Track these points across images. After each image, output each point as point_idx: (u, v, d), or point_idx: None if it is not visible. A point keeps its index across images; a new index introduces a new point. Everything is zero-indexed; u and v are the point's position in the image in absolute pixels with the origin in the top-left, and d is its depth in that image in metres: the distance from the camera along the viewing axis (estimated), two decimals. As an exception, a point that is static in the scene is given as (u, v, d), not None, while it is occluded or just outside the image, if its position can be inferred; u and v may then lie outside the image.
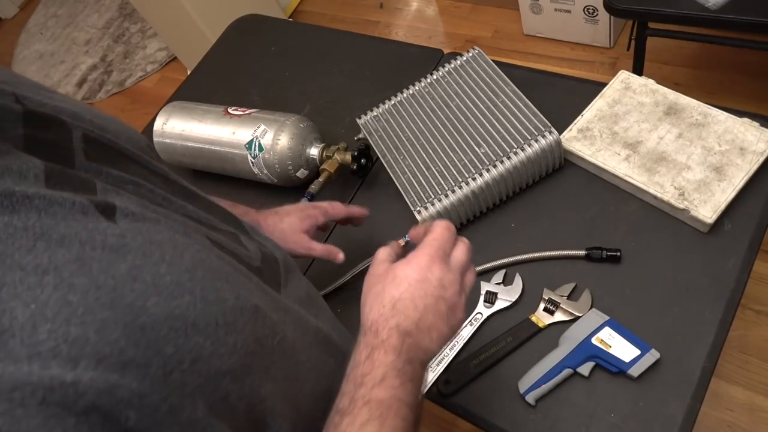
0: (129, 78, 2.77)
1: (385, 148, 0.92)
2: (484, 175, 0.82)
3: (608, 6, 1.35)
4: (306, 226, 0.78)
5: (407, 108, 0.95)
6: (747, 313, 1.37)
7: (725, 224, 0.76)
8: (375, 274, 0.50)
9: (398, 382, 0.43)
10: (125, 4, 3.13)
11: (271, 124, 0.95)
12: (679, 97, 0.86)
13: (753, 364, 1.31)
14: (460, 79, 0.94)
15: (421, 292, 0.47)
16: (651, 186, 0.79)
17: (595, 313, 0.73)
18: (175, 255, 0.36)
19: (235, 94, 1.23)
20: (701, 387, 0.67)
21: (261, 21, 1.39)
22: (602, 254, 0.78)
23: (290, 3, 2.57)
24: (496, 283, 0.81)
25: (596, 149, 0.85)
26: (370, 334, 0.46)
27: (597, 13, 1.82)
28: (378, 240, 0.89)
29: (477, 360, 0.76)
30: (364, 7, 2.49)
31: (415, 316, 0.46)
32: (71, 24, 3.25)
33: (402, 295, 0.47)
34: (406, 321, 0.46)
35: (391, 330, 0.45)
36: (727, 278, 0.73)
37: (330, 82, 1.16)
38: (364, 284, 0.51)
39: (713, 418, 1.27)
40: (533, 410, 0.71)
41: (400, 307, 0.46)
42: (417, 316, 0.46)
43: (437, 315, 0.47)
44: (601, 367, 0.70)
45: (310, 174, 0.98)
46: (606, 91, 0.90)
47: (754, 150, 0.78)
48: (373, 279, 0.50)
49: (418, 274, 0.48)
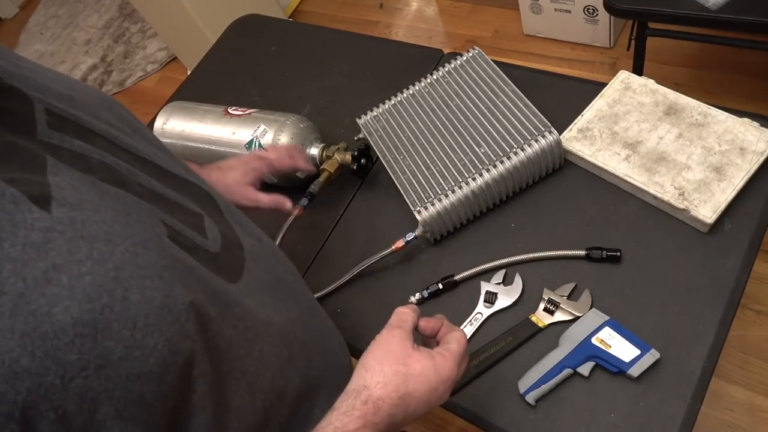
0: (129, 78, 2.77)
1: (385, 148, 0.92)
2: (484, 175, 0.82)
3: (608, 6, 1.35)
4: (250, 179, 0.79)
5: (407, 108, 0.95)
6: (747, 313, 1.37)
7: (725, 224, 0.76)
8: (392, 350, 0.51)
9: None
10: (125, 4, 3.13)
11: (271, 124, 0.95)
12: (679, 97, 0.86)
13: (753, 364, 1.31)
14: (460, 79, 0.94)
15: (424, 399, 0.50)
16: (651, 186, 0.79)
17: (595, 313, 0.73)
18: (105, 251, 0.35)
19: (235, 94, 1.23)
20: (701, 387, 0.67)
21: (261, 21, 1.39)
22: (602, 254, 0.78)
23: (290, 3, 2.57)
24: (496, 283, 0.81)
25: (596, 149, 0.85)
26: (371, 407, 0.47)
27: (597, 13, 1.82)
28: (378, 240, 0.90)
29: (477, 360, 0.76)
30: (364, 7, 2.49)
31: (407, 414, 0.50)
32: (71, 24, 3.25)
33: (414, 393, 0.49)
34: (400, 416, 0.49)
35: (387, 417, 0.48)
36: (727, 278, 0.73)
37: (330, 82, 1.16)
38: (377, 344, 0.52)
39: (713, 418, 1.27)
40: (533, 410, 0.71)
41: (407, 401, 0.49)
42: (408, 414, 0.50)
43: (426, 407, 0.51)
44: (601, 367, 0.70)
45: (310, 174, 0.98)
46: (606, 91, 0.90)
47: (754, 150, 0.78)
48: (391, 350, 0.51)
49: (435, 382, 0.51)
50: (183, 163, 0.55)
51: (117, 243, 0.36)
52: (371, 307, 0.86)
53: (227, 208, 0.56)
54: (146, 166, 0.48)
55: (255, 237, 0.57)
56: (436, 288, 0.82)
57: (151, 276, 0.36)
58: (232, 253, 0.50)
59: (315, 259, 0.95)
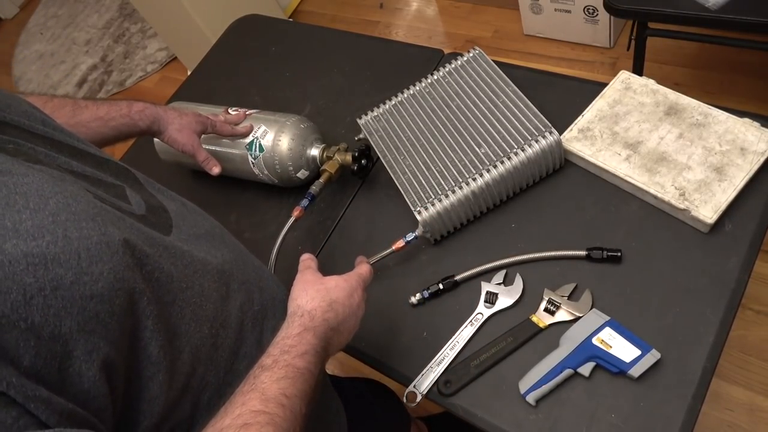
0: (129, 78, 2.77)
1: (386, 148, 0.92)
2: (484, 175, 0.82)
3: (608, 6, 1.35)
4: (199, 129, 0.90)
5: (408, 108, 0.95)
6: (747, 313, 1.37)
7: (726, 224, 0.76)
8: (309, 280, 0.63)
9: (314, 360, 0.53)
10: (125, 4, 3.13)
11: (271, 124, 0.95)
12: (679, 98, 0.86)
13: (753, 364, 1.31)
14: (461, 79, 0.94)
15: (347, 303, 0.62)
16: (651, 186, 0.79)
17: (596, 313, 0.73)
18: (40, 202, 0.41)
19: (235, 94, 1.23)
20: (702, 387, 0.67)
21: (261, 21, 1.39)
22: (603, 254, 0.78)
23: (290, 3, 2.57)
24: (497, 283, 0.81)
25: (597, 149, 0.85)
26: (307, 317, 0.57)
27: (597, 13, 1.82)
28: (378, 240, 0.90)
29: (477, 360, 0.76)
30: (364, 7, 2.49)
31: (341, 319, 0.60)
32: (71, 24, 3.25)
33: (338, 300, 0.61)
34: (335, 320, 0.60)
35: (323, 321, 0.58)
36: (728, 278, 0.73)
37: (330, 82, 1.16)
38: (297, 282, 0.64)
39: (713, 418, 1.27)
40: (534, 410, 0.71)
41: (335, 307, 0.60)
42: (341, 319, 0.61)
43: (353, 324, 0.63)
44: (601, 368, 0.70)
45: (311, 174, 0.98)
46: (606, 92, 0.90)
47: (754, 150, 0.78)
48: (308, 280, 0.63)
49: (349, 289, 0.63)
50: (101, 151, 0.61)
51: (49, 196, 0.42)
52: (371, 307, 0.85)
53: (146, 180, 0.62)
54: (63, 149, 0.53)
55: (178, 202, 0.63)
56: (436, 288, 0.82)
57: (86, 219, 0.43)
58: (157, 215, 0.56)
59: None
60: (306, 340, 0.54)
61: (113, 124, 0.82)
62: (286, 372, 0.50)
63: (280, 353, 0.52)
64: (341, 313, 0.61)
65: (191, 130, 0.89)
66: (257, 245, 0.99)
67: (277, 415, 0.45)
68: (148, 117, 0.85)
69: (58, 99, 0.81)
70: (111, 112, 0.82)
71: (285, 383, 0.49)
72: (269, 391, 0.48)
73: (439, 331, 0.80)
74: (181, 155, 0.95)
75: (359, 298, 0.64)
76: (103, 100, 0.85)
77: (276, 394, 0.47)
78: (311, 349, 0.54)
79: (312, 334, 0.56)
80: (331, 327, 0.59)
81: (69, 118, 0.79)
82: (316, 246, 0.96)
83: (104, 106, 0.83)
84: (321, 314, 0.58)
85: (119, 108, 0.83)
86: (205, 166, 0.92)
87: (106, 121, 0.82)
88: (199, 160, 0.91)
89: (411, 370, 0.78)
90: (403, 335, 0.82)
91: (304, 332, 0.55)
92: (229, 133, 0.95)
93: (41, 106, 0.76)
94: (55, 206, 0.41)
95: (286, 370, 0.50)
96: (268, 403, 0.46)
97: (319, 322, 0.58)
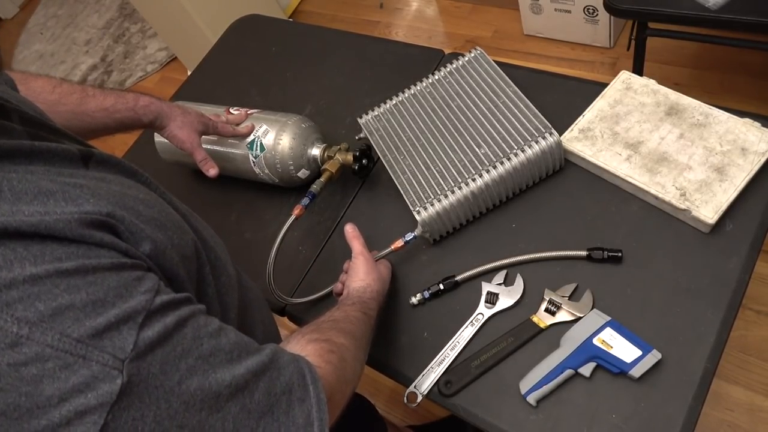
0: (129, 78, 2.77)
1: (386, 147, 0.92)
2: (484, 175, 0.82)
3: (608, 6, 1.35)
4: (200, 129, 0.92)
5: (408, 108, 0.95)
6: (747, 313, 1.37)
7: (727, 225, 0.76)
8: (372, 262, 0.81)
9: (367, 319, 0.71)
10: (125, 4, 3.13)
11: (272, 124, 0.95)
12: (680, 98, 0.86)
13: (753, 364, 1.31)
14: (461, 79, 0.94)
15: (378, 275, 0.80)
16: (652, 186, 0.79)
17: (597, 313, 0.73)
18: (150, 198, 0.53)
19: (235, 94, 1.23)
20: (702, 388, 0.67)
21: (261, 21, 1.39)
22: (603, 255, 0.78)
23: (290, 3, 2.57)
24: (497, 283, 0.81)
25: (597, 150, 0.85)
26: (368, 302, 0.74)
27: (597, 13, 1.82)
28: (378, 240, 0.90)
29: (478, 360, 0.76)
30: (364, 7, 2.48)
31: (380, 283, 0.80)
32: (71, 24, 3.25)
33: (379, 276, 0.80)
34: (377, 287, 0.78)
35: (372, 301, 0.75)
36: (729, 279, 0.73)
37: (331, 82, 1.16)
38: (355, 266, 0.80)
39: (713, 418, 1.27)
40: (534, 411, 0.71)
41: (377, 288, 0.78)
42: (380, 281, 0.80)
43: (380, 276, 0.81)
44: (602, 368, 0.70)
45: (312, 174, 0.97)
46: (607, 92, 0.90)
47: (755, 150, 0.78)
48: (371, 264, 0.80)
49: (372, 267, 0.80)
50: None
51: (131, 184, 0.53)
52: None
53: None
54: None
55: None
56: (437, 288, 0.82)
57: (170, 211, 0.54)
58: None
59: (316, 259, 0.95)
60: (355, 310, 0.71)
61: (117, 116, 0.84)
62: (350, 320, 0.68)
63: (344, 314, 0.69)
64: (380, 281, 0.80)
65: (193, 128, 0.90)
66: (257, 245, 0.99)
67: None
68: (152, 112, 0.87)
69: (67, 84, 0.82)
70: (117, 104, 0.84)
71: (354, 325, 0.67)
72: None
73: (440, 332, 0.80)
74: (181, 155, 0.95)
75: (376, 271, 0.80)
76: (111, 90, 0.86)
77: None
78: (362, 316, 0.71)
79: (376, 303, 0.76)
80: (379, 305, 0.77)
81: (75, 106, 0.81)
82: (316, 246, 0.96)
83: (111, 96, 0.84)
84: (370, 296, 0.76)
85: (126, 101, 0.85)
86: (202, 167, 0.92)
87: (111, 113, 0.83)
88: (197, 160, 0.92)
89: (412, 371, 0.78)
90: (403, 335, 0.82)
91: (362, 307, 0.73)
92: (231, 134, 0.95)
93: (50, 90, 0.80)
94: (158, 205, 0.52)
95: (350, 319, 0.68)
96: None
97: (370, 299, 0.76)
